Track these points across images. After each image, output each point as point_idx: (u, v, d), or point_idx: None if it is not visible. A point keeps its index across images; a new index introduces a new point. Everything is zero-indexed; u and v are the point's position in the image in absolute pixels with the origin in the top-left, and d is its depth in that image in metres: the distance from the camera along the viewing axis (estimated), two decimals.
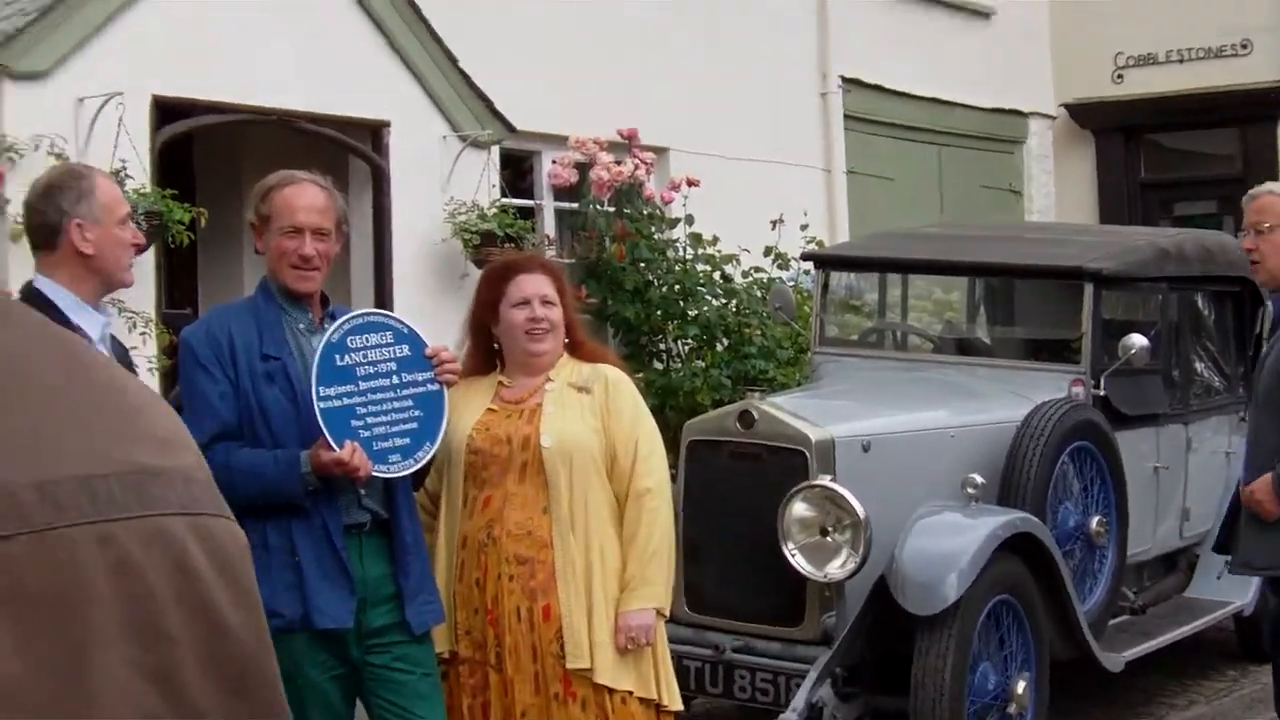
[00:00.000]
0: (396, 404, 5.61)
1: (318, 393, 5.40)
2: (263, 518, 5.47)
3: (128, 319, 8.85)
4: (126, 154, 9.34)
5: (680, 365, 12.43)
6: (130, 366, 5.49)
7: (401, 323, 5.77)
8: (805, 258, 10.63)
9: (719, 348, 12.52)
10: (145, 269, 9.34)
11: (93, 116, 9.54)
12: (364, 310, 5.82)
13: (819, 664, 7.25)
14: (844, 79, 16.24)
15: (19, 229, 8.91)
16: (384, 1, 11.10)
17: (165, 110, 10.07)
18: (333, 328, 5.53)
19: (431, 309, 10.07)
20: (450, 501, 5.98)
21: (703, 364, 12.34)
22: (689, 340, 12.50)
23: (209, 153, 11.72)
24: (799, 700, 7.17)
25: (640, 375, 11.96)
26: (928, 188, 17.29)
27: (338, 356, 5.50)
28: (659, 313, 12.40)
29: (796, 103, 15.74)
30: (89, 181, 5.31)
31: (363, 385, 5.53)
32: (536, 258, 7.02)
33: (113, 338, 5.59)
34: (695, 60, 14.30)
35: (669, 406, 11.51)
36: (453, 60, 11.51)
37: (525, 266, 6.21)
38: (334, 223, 5.68)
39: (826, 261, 10.05)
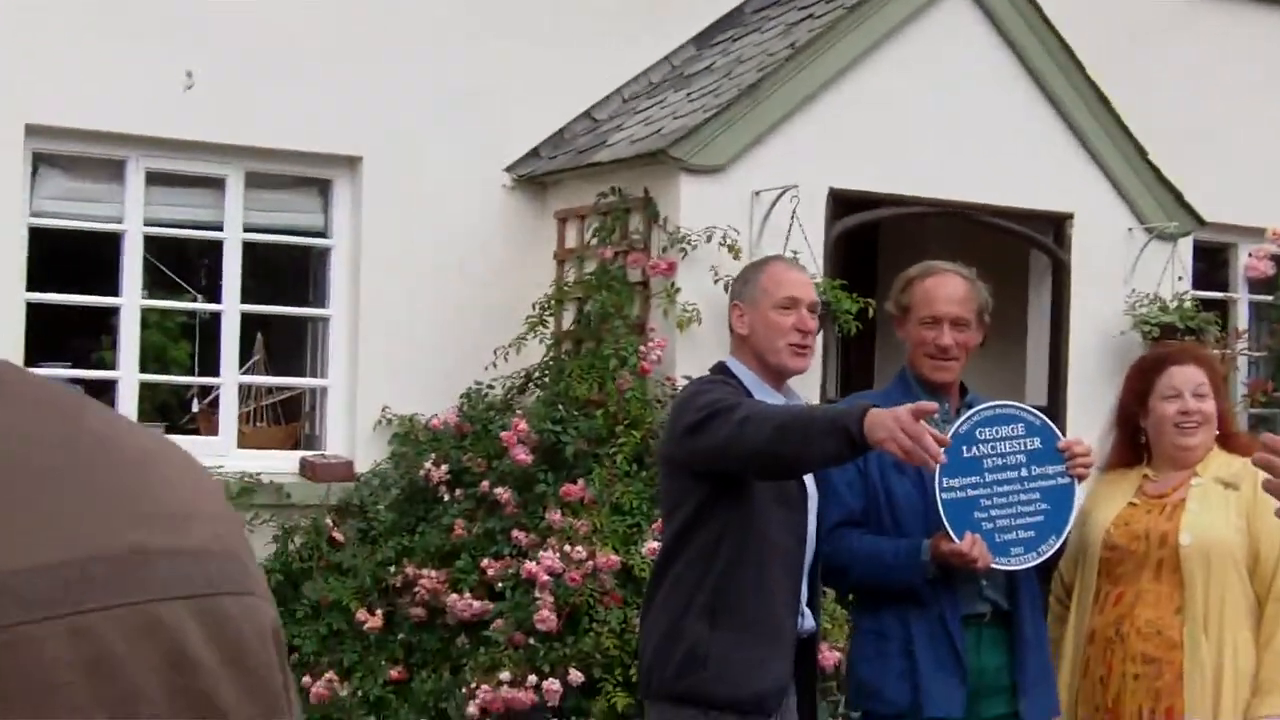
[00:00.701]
0: (1023, 496, 5.55)
1: (941, 484, 5.40)
2: (880, 604, 5.53)
3: None
4: (798, 245, 9.49)
5: None
6: None
7: (1035, 414, 5.70)
8: None
9: None
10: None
11: (767, 209, 9.80)
12: (996, 402, 5.74)
13: None
14: None
15: (686, 318, 9.29)
16: (1073, 95, 11.00)
17: (844, 202, 10.28)
18: (961, 419, 5.51)
19: (1106, 403, 9.85)
20: (1082, 595, 5.86)
21: None
22: None
23: (894, 244, 11.89)
24: None
25: None
26: None
27: (965, 448, 5.49)
28: None
29: None
30: (757, 268, 5.53)
31: (989, 477, 5.49)
32: (1190, 349, 6.80)
33: None
34: None
35: None
36: (1142, 153, 11.32)
37: (1178, 358, 6.01)
38: (974, 313, 5.69)
39: None
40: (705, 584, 5.16)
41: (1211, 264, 12.87)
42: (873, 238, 12.14)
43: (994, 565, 5.43)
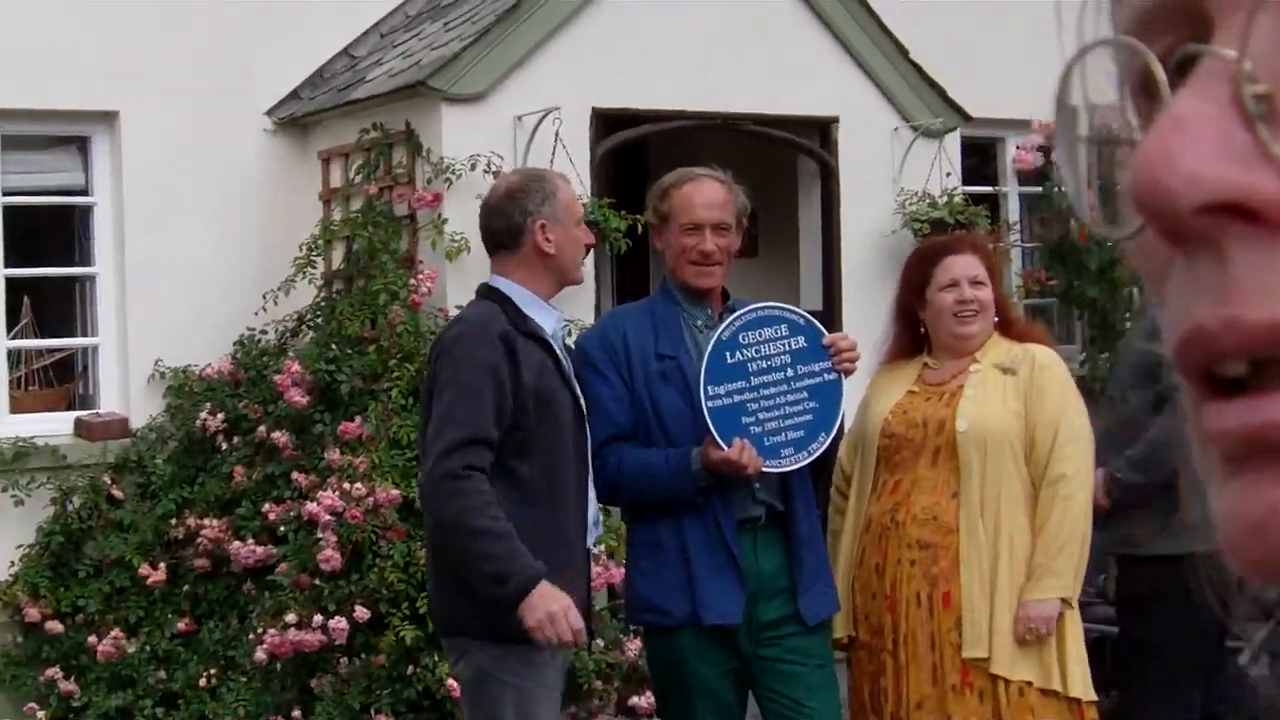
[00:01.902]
0: (791, 397, 5.55)
1: (706, 392, 5.40)
2: (656, 516, 5.52)
3: (566, 326, 9.03)
4: (564, 166, 9.43)
5: None
6: (574, 372, 5.51)
7: (798, 314, 5.71)
8: None
9: None
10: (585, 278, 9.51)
11: (530, 133, 9.74)
12: (758, 304, 5.73)
13: None
14: None
15: (455, 248, 9.22)
16: None
17: (607, 121, 10.24)
18: (723, 325, 5.51)
19: (880, 302, 9.93)
20: (861, 485, 5.89)
21: None
22: None
23: (663, 159, 11.83)
24: None
25: (1107, 356, 11.71)
26: None
27: (729, 354, 5.48)
28: (1126, 291, 12.04)
29: None
30: (550, 184, 5.45)
31: (754, 381, 5.50)
32: (967, 238, 6.86)
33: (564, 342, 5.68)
34: None
35: None
36: (903, 52, 11.35)
37: (954, 247, 6.05)
38: (734, 217, 5.68)
39: None
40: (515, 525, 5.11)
41: (981, 159, 12.98)
42: (642, 155, 12.11)
43: (764, 469, 5.44)
